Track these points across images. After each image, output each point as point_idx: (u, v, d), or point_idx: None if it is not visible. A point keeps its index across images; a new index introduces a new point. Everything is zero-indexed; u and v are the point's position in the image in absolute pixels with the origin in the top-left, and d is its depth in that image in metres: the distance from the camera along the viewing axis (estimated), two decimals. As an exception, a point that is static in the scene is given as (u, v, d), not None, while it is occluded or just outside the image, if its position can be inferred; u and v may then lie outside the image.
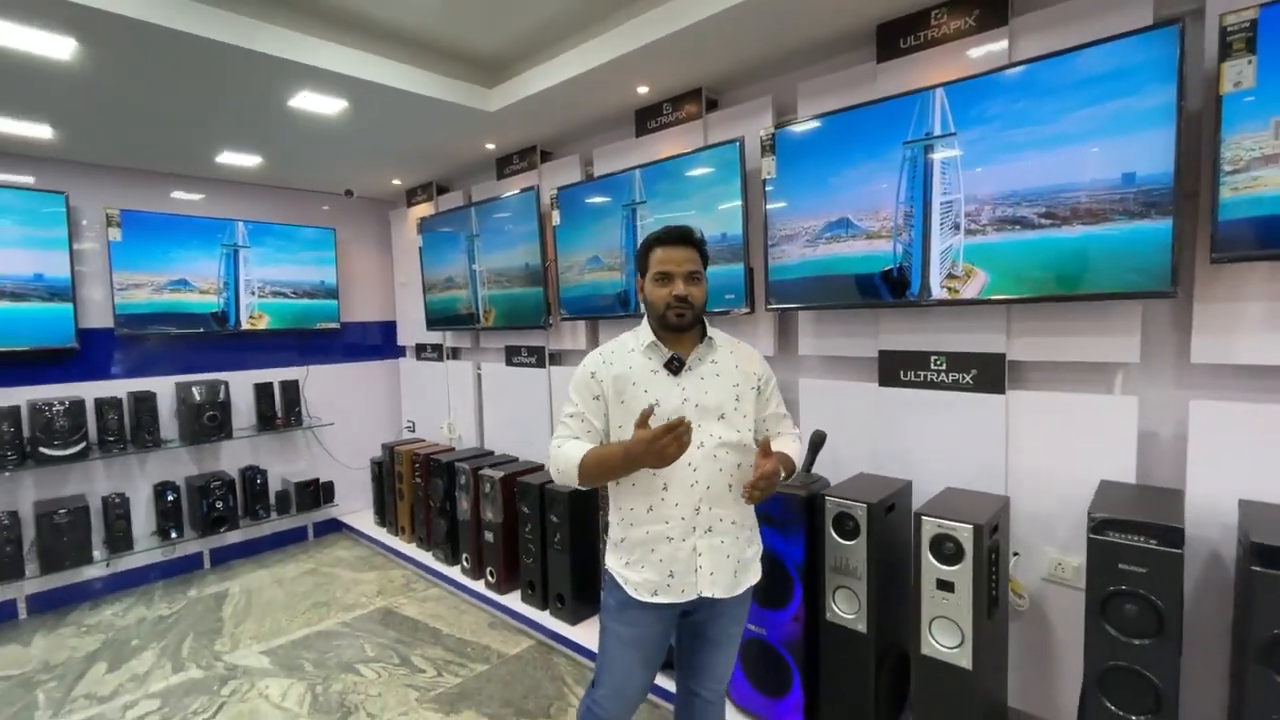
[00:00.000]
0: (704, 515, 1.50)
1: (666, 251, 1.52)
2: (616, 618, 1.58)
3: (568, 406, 1.58)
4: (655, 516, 1.51)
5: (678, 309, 1.49)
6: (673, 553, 1.50)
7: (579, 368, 1.59)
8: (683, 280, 1.50)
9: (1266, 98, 1.48)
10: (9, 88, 2.61)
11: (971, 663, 1.71)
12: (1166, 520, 1.47)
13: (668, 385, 1.51)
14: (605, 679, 1.60)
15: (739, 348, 1.64)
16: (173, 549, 3.96)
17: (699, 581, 1.50)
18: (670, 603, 1.51)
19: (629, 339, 1.60)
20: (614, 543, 1.60)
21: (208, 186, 4.21)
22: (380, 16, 2.54)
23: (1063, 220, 1.80)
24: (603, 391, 1.53)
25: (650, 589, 1.51)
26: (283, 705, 2.61)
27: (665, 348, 1.53)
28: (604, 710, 1.60)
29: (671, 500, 1.49)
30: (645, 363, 1.53)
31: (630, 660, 1.57)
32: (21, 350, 3.42)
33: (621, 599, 1.55)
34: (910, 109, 2.05)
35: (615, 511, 1.59)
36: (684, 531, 1.50)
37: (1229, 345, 1.69)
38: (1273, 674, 1.31)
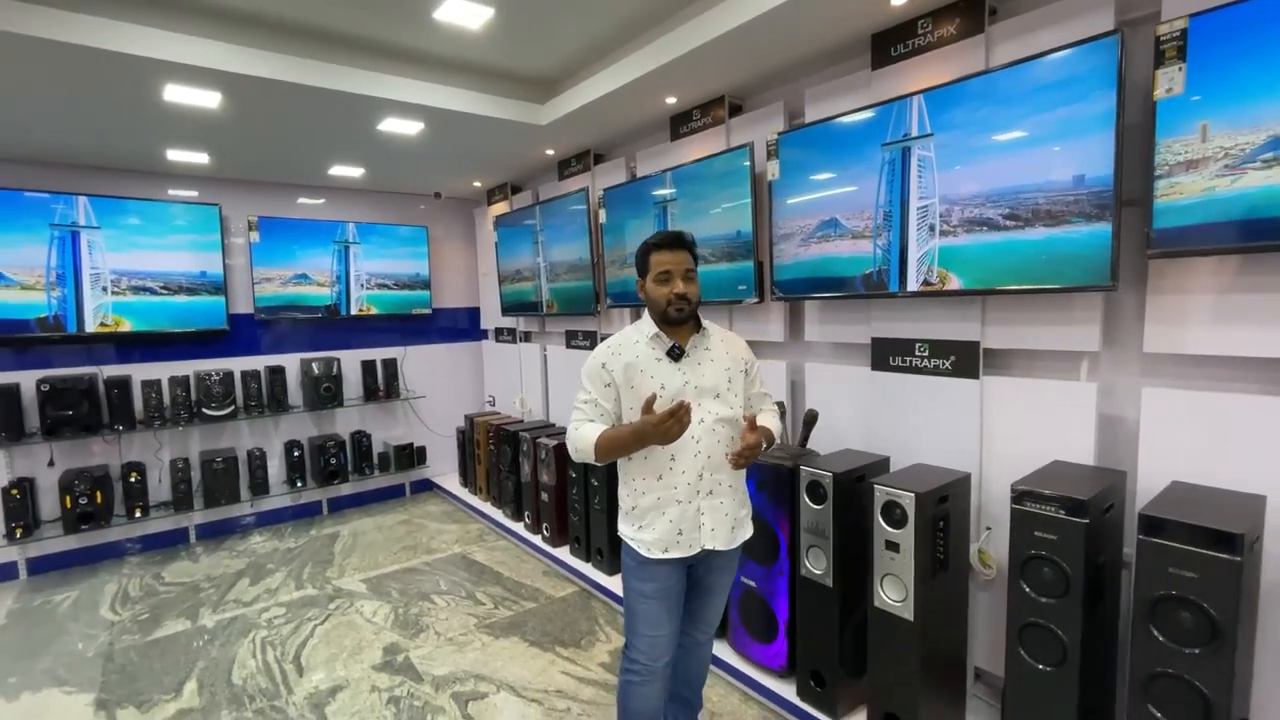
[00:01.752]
0: (706, 480, 1.72)
1: (664, 254, 1.72)
2: (637, 575, 1.77)
3: (581, 394, 1.76)
4: (665, 484, 1.72)
5: (678, 305, 1.69)
6: (681, 513, 1.71)
7: (590, 359, 1.77)
8: (681, 279, 1.70)
9: (1194, 103, 1.57)
10: (179, 130, 3.36)
11: (914, 615, 1.93)
12: (1074, 494, 1.63)
13: (670, 370, 1.72)
14: (636, 634, 1.78)
15: (728, 336, 1.86)
16: (298, 495, 4.81)
17: (703, 537, 1.73)
18: (680, 557, 1.72)
19: (632, 332, 1.80)
20: (625, 512, 1.81)
21: (323, 193, 4.98)
22: (446, 52, 3.01)
23: (1025, 222, 1.92)
24: (613, 379, 1.71)
25: (662, 546, 1.72)
26: (373, 620, 3.24)
27: (667, 338, 1.74)
28: (641, 668, 1.77)
29: (679, 469, 1.71)
30: (650, 352, 1.73)
31: (655, 610, 1.76)
32: (190, 331, 4.32)
33: (639, 559, 1.75)
34: (889, 116, 2.23)
35: (626, 483, 1.79)
36: (689, 495, 1.71)
37: (1179, 336, 1.77)
38: (1154, 631, 1.46)
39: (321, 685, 2.67)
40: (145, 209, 4.13)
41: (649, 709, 1.81)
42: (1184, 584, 1.41)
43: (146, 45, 2.44)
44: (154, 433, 4.21)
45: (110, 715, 2.53)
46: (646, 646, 1.77)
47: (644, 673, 1.78)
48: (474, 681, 2.66)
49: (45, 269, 3.82)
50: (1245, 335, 1.66)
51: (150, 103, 2.92)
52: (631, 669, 1.79)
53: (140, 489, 4.07)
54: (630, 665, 1.80)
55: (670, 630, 1.78)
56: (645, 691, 1.79)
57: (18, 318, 3.75)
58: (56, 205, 3.84)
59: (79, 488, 3.82)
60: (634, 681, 1.79)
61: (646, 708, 1.80)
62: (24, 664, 2.93)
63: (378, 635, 3.08)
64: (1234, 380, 1.73)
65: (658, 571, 1.74)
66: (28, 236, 3.76)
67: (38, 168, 3.88)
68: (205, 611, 3.39)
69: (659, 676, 1.79)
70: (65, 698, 2.66)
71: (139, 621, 3.31)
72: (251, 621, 3.26)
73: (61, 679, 2.80)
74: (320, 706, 2.53)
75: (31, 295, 3.78)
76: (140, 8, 2.44)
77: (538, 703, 2.51)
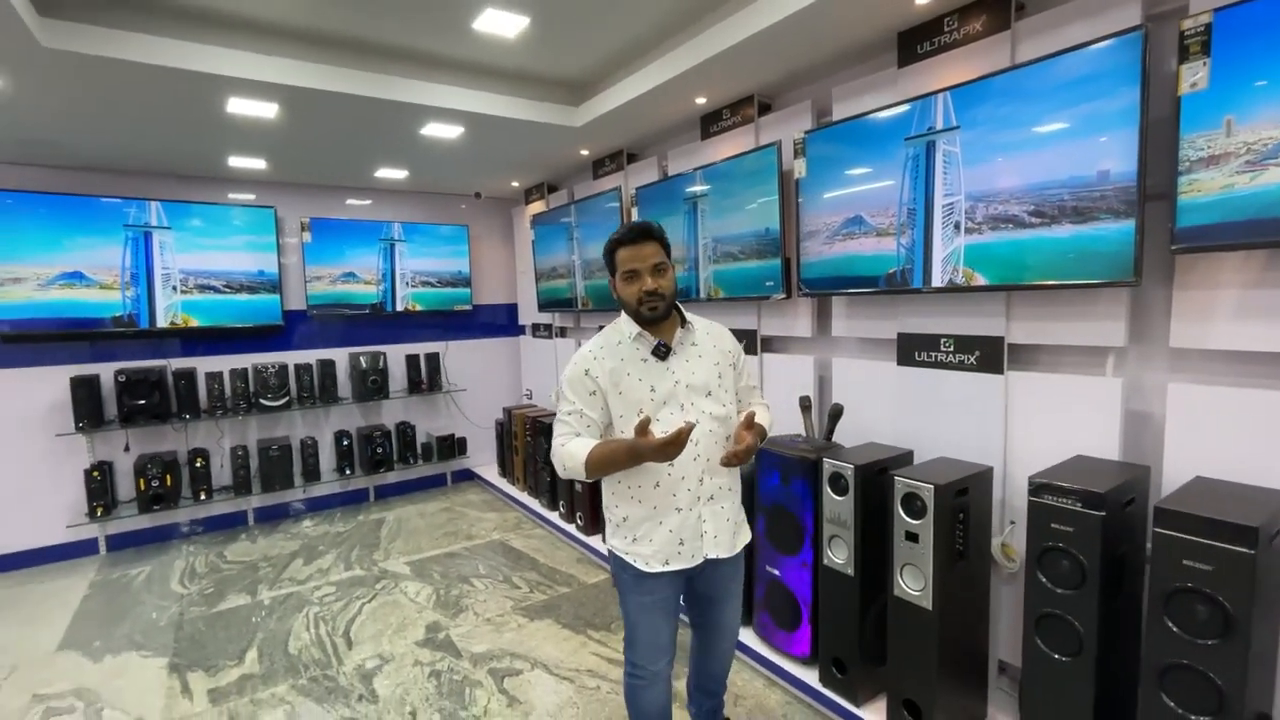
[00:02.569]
0: (706, 485, 1.64)
1: (629, 250, 1.59)
2: (635, 589, 1.69)
3: (564, 406, 1.62)
4: (662, 491, 1.61)
5: (649, 302, 1.58)
6: (682, 522, 1.62)
7: (570, 367, 1.64)
8: (649, 274, 1.58)
9: (1219, 98, 1.56)
10: (240, 138, 3.60)
11: (932, 604, 1.97)
12: (1092, 487, 1.65)
13: (659, 370, 1.62)
14: (637, 640, 1.73)
15: (713, 328, 1.76)
16: (347, 483, 5.06)
17: (705, 546, 1.65)
18: (681, 569, 1.64)
19: (613, 334, 1.68)
20: (614, 524, 1.70)
21: (370, 194, 5.22)
22: (484, 59, 3.14)
23: (1051, 219, 1.93)
24: (598, 386, 1.60)
25: (662, 559, 1.63)
26: (415, 600, 3.43)
27: (651, 337, 1.64)
28: (644, 672, 1.73)
29: (678, 475, 1.61)
30: (635, 353, 1.63)
31: (655, 620, 1.70)
32: (249, 327, 4.60)
33: (636, 574, 1.66)
34: (914, 114, 2.25)
35: (618, 491, 1.67)
36: (690, 501, 1.62)
37: (1204, 332, 1.77)
38: (1169, 622, 1.48)
39: (369, 658, 2.85)
40: (209, 212, 4.41)
41: (656, 707, 1.78)
42: (1198, 576, 1.43)
43: (213, 63, 2.64)
44: (216, 421, 4.51)
45: (182, 677, 2.76)
46: (647, 651, 1.73)
47: (647, 676, 1.74)
48: (510, 659, 2.80)
49: (120, 269, 4.13)
50: (1271, 331, 1.65)
51: (215, 114, 3.14)
52: (635, 673, 1.76)
53: (204, 473, 4.37)
54: (633, 670, 1.76)
55: (670, 633, 1.75)
56: (650, 693, 1.76)
57: (96, 315, 4.07)
58: (130, 209, 4.15)
59: (151, 471, 4.13)
60: (638, 685, 1.76)
61: (654, 707, 1.78)
62: (106, 630, 3.21)
63: (420, 614, 3.26)
64: (1260, 376, 1.72)
65: (656, 584, 1.67)
66: (105, 240, 4.07)
67: (111, 175, 4.20)
68: (263, 588, 3.64)
69: (662, 677, 1.76)
70: (142, 660, 2.91)
71: (205, 595, 3.58)
72: (305, 598, 3.48)
73: (139, 644, 3.06)
74: (368, 677, 2.71)
75: (109, 295, 4.10)
76: (206, 28, 2.64)
77: (569, 680, 2.63)
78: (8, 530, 3.97)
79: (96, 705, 2.58)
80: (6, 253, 3.81)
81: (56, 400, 4.02)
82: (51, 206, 3.93)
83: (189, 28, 2.61)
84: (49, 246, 3.92)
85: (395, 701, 2.53)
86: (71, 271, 4.00)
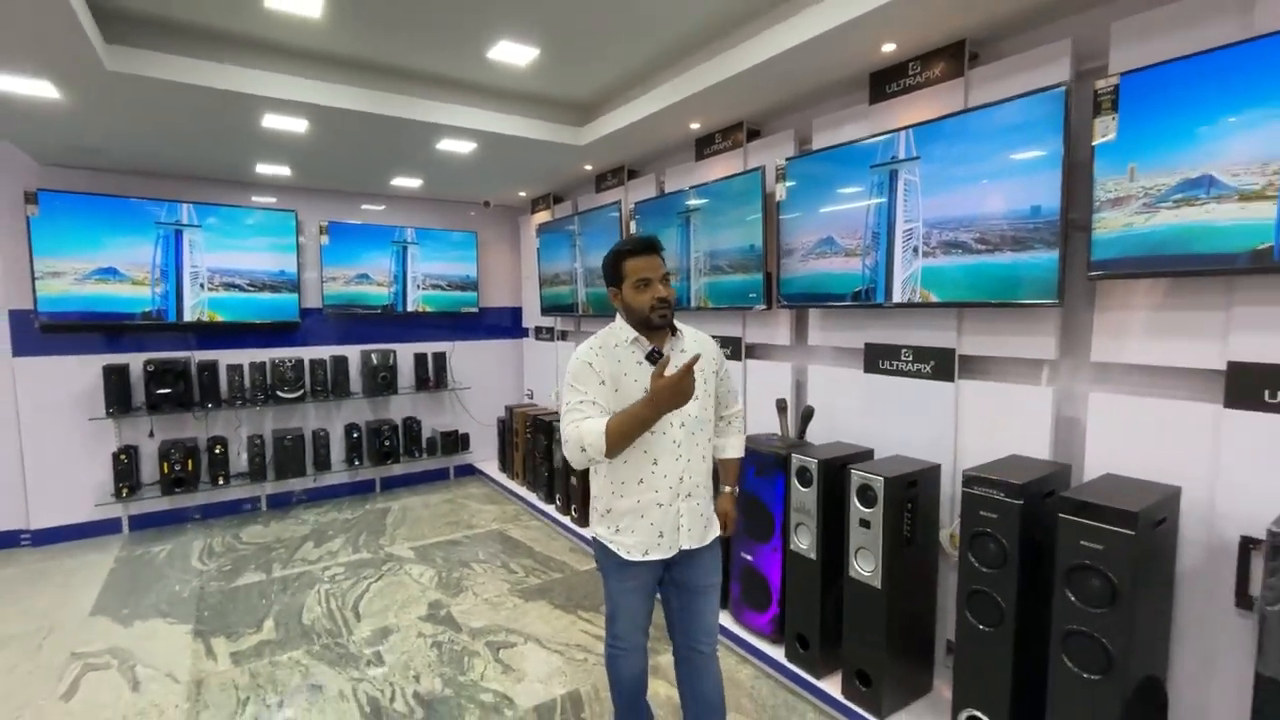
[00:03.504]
0: (686, 482, 1.76)
1: (639, 260, 1.71)
2: (617, 575, 1.81)
3: (574, 395, 1.69)
4: (645, 487, 1.73)
5: (661, 310, 1.70)
6: (662, 516, 1.74)
7: (573, 362, 1.74)
8: (660, 283, 1.71)
9: (1125, 148, 1.83)
10: (270, 149, 3.89)
11: (882, 584, 2.22)
12: (1013, 480, 1.90)
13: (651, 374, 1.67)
14: (619, 618, 1.84)
15: (699, 336, 1.89)
16: (355, 473, 5.33)
17: (680, 538, 1.77)
18: (660, 559, 1.77)
19: (610, 336, 1.78)
20: (600, 513, 1.82)
21: (384, 201, 5.51)
22: (497, 83, 3.43)
23: (994, 246, 2.19)
24: (604, 378, 1.70)
25: (642, 549, 1.75)
26: (419, 581, 3.68)
27: (647, 342, 1.75)
28: (625, 643, 1.84)
29: (661, 472, 1.72)
30: (630, 356, 1.74)
31: (635, 601, 1.82)
32: (269, 323, 4.88)
33: (618, 561, 1.78)
34: (879, 148, 2.52)
35: (603, 484, 1.79)
36: (670, 497, 1.74)
37: (1120, 347, 2.02)
38: (1069, 595, 1.73)
39: (376, 629, 3.11)
40: (234, 214, 4.71)
41: (635, 674, 1.89)
42: (1092, 554, 1.68)
43: (252, 84, 2.93)
44: (235, 411, 4.79)
45: (205, 642, 3.02)
46: (627, 625, 1.84)
47: (627, 646, 1.85)
48: (505, 634, 3.06)
49: (151, 267, 4.42)
50: (1172, 347, 1.91)
51: (250, 128, 3.43)
52: (616, 645, 1.86)
53: (223, 460, 4.64)
54: (615, 642, 1.86)
55: (648, 612, 1.87)
56: (630, 660, 1.87)
57: (128, 310, 4.36)
58: (162, 211, 4.44)
59: (174, 456, 4.40)
60: (618, 655, 1.86)
61: (633, 673, 1.89)
62: (133, 600, 3.47)
63: (424, 593, 3.52)
64: (1164, 387, 1.98)
65: (637, 571, 1.79)
66: (139, 239, 4.36)
67: (147, 178, 4.49)
68: (277, 567, 3.90)
69: (640, 647, 1.87)
70: (168, 627, 3.17)
71: (223, 572, 3.84)
72: (316, 577, 3.74)
73: (165, 612, 3.32)
74: (375, 645, 2.96)
75: (140, 290, 4.38)
76: (247, 53, 2.93)
77: (559, 653, 2.89)
78: (43, 507, 4.25)
79: (130, 663, 2.84)
80: (49, 249, 4.10)
81: (89, 387, 4.30)
82: (91, 207, 4.22)
83: (232, 52, 2.90)
84: (87, 244, 4.22)
85: (400, 667, 2.79)
86: (106, 268, 4.28)
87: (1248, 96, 1.61)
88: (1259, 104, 1.60)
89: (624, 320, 1.78)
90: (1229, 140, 1.65)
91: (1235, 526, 1.76)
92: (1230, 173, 1.64)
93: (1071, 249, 2.04)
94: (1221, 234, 1.66)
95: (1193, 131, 1.70)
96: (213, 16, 2.69)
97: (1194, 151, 1.70)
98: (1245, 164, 1.62)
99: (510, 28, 2.77)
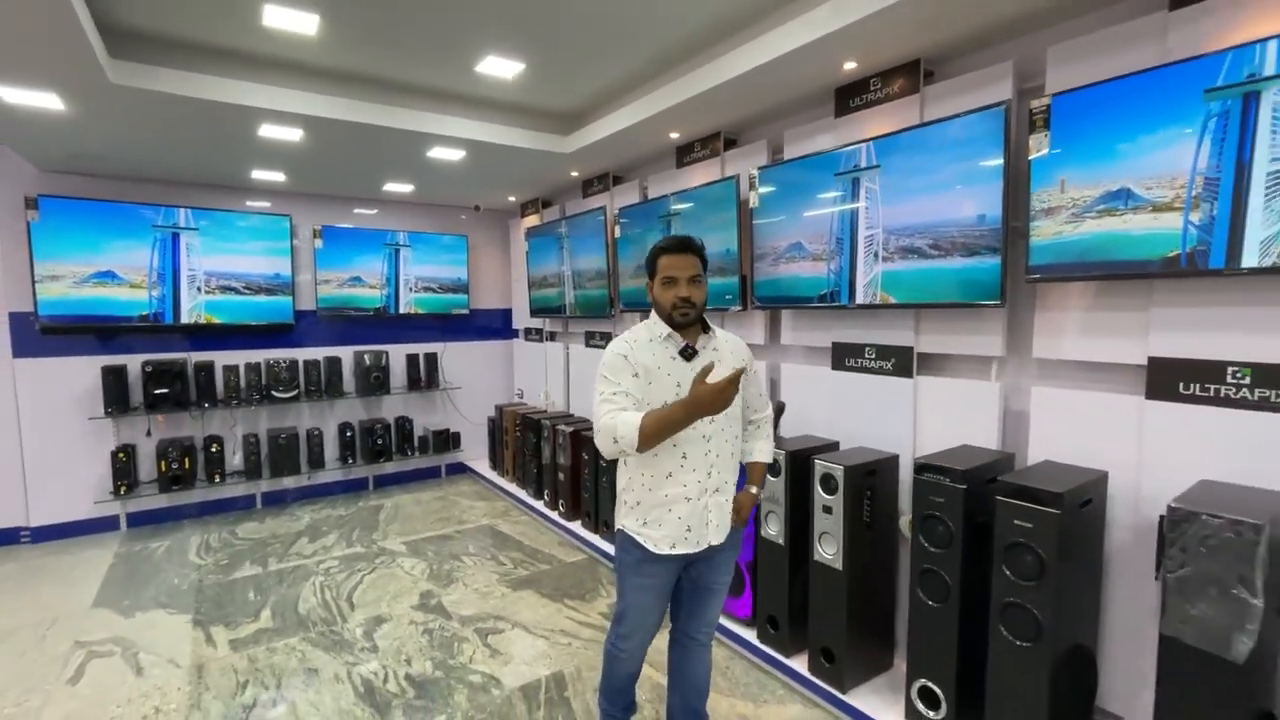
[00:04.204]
0: (714, 478, 1.78)
1: (671, 259, 1.75)
2: (636, 571, 1.81)
3: (608, 388, 1.71)
4: (674, 481, 1.75)
5: (682, 309, 1.74)
6: (690, 510, 1.76)
7: (608, 354, 1.76)
8: (686, 284, 1.73)
9: (1057, 162, 2.00)
10: (266, 156, 4.03)
11: (843, 566, 2.39)
12: (957, 466, 2.07)
13: (684, 369, 1.76)
14: (627, 619, 1.86)
15: (731, 338, 1.93)
16: (349, 471, 5.46)
17: (709, 533, 1.79)
18: (686, 553, 1.78)
19: (644, 331, 1.81)
20: (629, 506, 1.83)
21: (377, 205, 5.64)
22: (485, 94, 3.58)
23: (946, 251, 2.37)
24: (638, 370, 1.73)
25: (669, 543, 1.77)
26: (411, 573, 3.82)
27: (680, 338, 1.79)
28: (627, 643, 1.88)
29: (690, 466, 1.75)
30: (664, 351, 1.77)
31: (648, 602, 1.84)
32: (264, 324, 5.01)
33: (641, 555, 1.79)
34: (842, 159, 2.69)
35: (634, 477, 1.81)
36: (699, 492, 1.77)
37: (1058, 345, 2.20)
38: (1005, 570, 1.90)
39: (369, 618, 3.25)
40: (231, 218, 4.83)
41: (630, 672, 1.96)
42: (1024, 533, 1.85)
43: (250, 96, 3.07)
44: (231, 411, 4.91)
45: (205, 630, 3.15)
46: (636, 627, 1.87)
47: (629, 650, 1.90)
48: (493, 621, 3.20)
49: (149, 270, 4.54)
50: (1101, 345, 2.08)
51: (247, 137, 3.57)
52: (620, 645, 1.90)
53: (219, 458, 4.76)
54: (619, 641, 1.90)
55: (659, 614, 1.89)
56: (629, 662, 1.93)
57: (125, 313, 4.47)
58: (159, 215, 4.56)
59: (171, 454, 4.52)
60: (619, 656, 1.92)
61: (629, 670, 1.95)
62: (134, 592, 3.59)
63: (415, 584, 3.66)
64: (1096, 381, 2.15)
65: (656, 568, 1.81)
66: (136, 242, 4.48)
67: (145, 184, 4.61)
68: (273, 561, 4.03)
69: (642, 652, 1.92)
70: (169, 617, 3.30)
71: (220, 565, 3.96)
72: (311, 570, 3.87)
73: (164, 604, 3.45)
74: (369, 632, 3.10)
75: (137, 293, 4.50)
76: (245, 67, 3.07)
77: (545, 638, 3.03)
78: (44, 504, 4.35)
79: (133, 650, 2.97)
80: (48, 253, 4.22)
81: (88, 387, 4.42)
82: (90, 211, 4.34)
83: (231, 66, 3.03)
84: (86, 248, 4.33)
85: (393, 652, 2.93)
86: (105, 271, 4.40)
87: (1159, 117, 1.79)
88: (1169, 124, 1.77)
89: (657, 315, 1.83)
90: (1144, 156, 1.82)
91: (1156, 507, 1.93)
92: (1145, 186, 1.82)
93: (1013, 255, 2.21)
94: (1138, 242, 1.84)
95: (1114, 148, 1.88)
96: (212, 33, 2.83)
97: (1115, 166, 1.88)
98: (1157, 178, 1.79)
99: (496, 44, 2.93)
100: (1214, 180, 1.70)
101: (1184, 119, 1.74)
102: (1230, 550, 1.47)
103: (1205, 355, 1.84)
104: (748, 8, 2.60)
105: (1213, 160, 1.70)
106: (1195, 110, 1.72)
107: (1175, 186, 1.76)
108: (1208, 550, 1.50)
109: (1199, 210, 1.73)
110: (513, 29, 2.77)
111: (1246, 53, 1.63)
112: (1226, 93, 1.66)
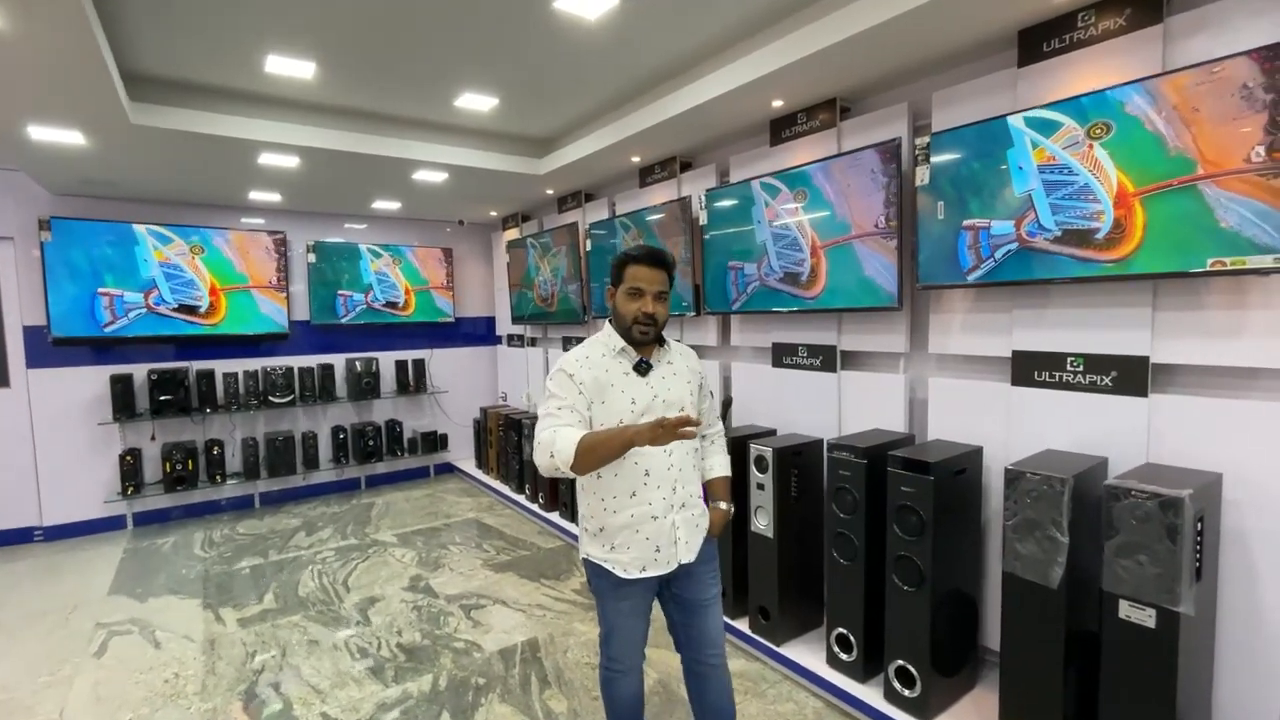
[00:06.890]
0: (679, 493, 1.72)
1: (640, 269, 1.67)
2: (613, 595, 1.74)
3: (553, 402, 1.64)
4: (639, 500, 1.68)
5: (643, 325, 1.67)
6: (657, 530, 1.69)
7: (556, 370, 1.68)
8: (652, 299, 1.67)
9: (935, 190, 2.41)
10: (264, 180, 4.39)
11: (774, 535, 2.77)
12: (859, 445, 2.47)
13: (639, 385, 1.71)
14: (613, 640, 1.79)
15: (684, 349, 1.89)
16: (342, 471, 5.79)
17: (679, 552, 1.72)
18: (656, 575, 1.71)
19: (598, 345, 1.74)
20: (591, 534, 1.74)
21: (367, 220, 6.00)
22: (465, 124, 3.96)
23: (861, 261, 2.77)
24: (584, 390, 1.65)
25: (639, 565, 1.69)
26: (401, 560, 4.17)
27: (634, 352, 1.73)
28: (620, 664, 1.80)
29: (654, 484, 1.68)
30: (617, 365, 1.71)
31: (630, 622, 1.77)
32: (261, 334, 5.35)
33: (613, 581, 1.71)
34: (771, 185, 3.09)
35: (593, 503, 1.73)
36: (665, 510, 1.69)
37: (948, 341, 2.60)
38: (896, 528, 2.29)
39: (364, 598, 3.60)
40: (229, 236, 5.17)
41: (631, 694, 1.85)
42: (908, 496, 2.24)
43: (252, 131, 3.44)
44: (230, 415, 5.24)
45: (215, 611, 3.49)
46: (623, 647, 1.79)
47: (623, 667, 1.81)
48: (477, 598, 3.56)
49: (153, 284, 4.87)
50: (978, 341, 2.49)
51: (248, 164, 3.93)
52: (611, 667, 1.82)
53: (220, 460, 5.09)
54: (610, 664, 1.82)
55: (644, 632, 1.81)
56: (626, 680, 1.83)
57: (131, 326, 4.80)
58: (163, 233, 4.90)
59: (175, 456, 4.84)
60: (615, 676, 1.83)
61: (629, 693, 1.84)
62: (145, 581, 3.92)
63: (405, 570, 4.01)
64: (976, 372, 2.56)
65: (632, 590, 1.73)
66: (141, 259, 4.82)
67: (148, 205, 4.95)
68: (273, 552, 4.36)
69: (636, 668, 1.83)
70: (180, 601, 3.63)
71: (224, 558, 4.30)
72: (309, 559, 4.21)
73: (175, 590, 3.78)
74: (364, 610, 3.45)
75: (144, 306, 4.83)
76: (248, 104, 3.44)
77: (523, 611, 3.40)
78: (55, 505, 4.67)
79: (150, 629, 3.30)
80: (59, 269, 4.55)
81: (97, 395, 4.74)
82: (99, 231, 4.67)
83: (236, 104, 3.40)
84: (95, 264, 4.66)
85: (385, 625, 3.28)
86: (111, 285, 4.73)
87: (995, 154, 2.20)
88: (1004, 159, 2.19)
89: (613, 327, 1.77)
90: (993, 187, 2.23)
91: (1019, 475, 2.33)
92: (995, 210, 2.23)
93: (910, 266, 2.61)
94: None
95: (974, 180, 2.29)
96: (221, 77, 3.20)
97: (980, 196, 2.28)
98: (1003, 203, 2.20)
99: (471, 83, 3.31)
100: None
101: (1012, 156, 2.15)
102: (1045, 500, 1.87)
103: (1051, 348, 2.25)
104: (692, 52, 3.00)
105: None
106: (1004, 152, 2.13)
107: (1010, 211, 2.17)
108: (1031, 501, 1.90)
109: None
110: (485, 70, 3.16)
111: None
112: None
